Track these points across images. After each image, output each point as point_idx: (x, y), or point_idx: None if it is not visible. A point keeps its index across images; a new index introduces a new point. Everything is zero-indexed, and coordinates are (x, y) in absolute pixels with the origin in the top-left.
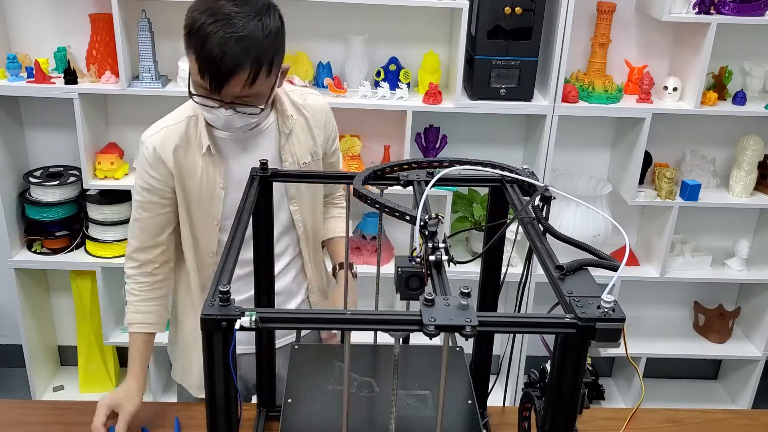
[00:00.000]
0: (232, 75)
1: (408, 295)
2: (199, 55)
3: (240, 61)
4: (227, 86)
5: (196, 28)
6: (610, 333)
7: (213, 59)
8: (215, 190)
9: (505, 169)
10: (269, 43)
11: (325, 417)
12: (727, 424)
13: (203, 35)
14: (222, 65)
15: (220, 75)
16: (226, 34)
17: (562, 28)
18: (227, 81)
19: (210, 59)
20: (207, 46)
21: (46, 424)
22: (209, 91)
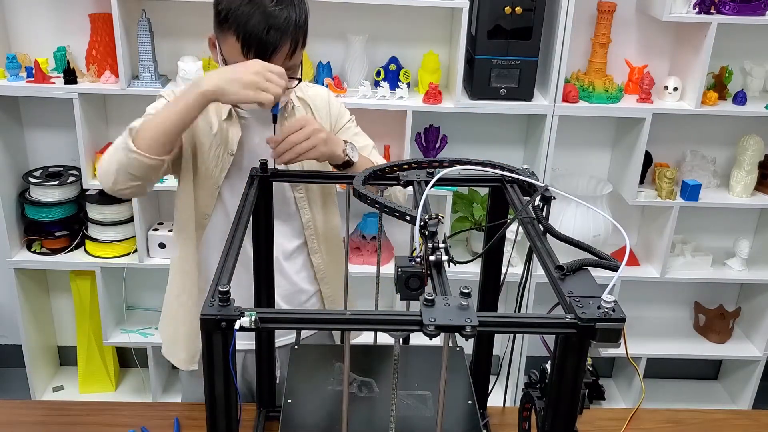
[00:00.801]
0: (278, 47)
1: (408, 295)
2: (242, 32)
3: (285, 31)
4: (273, 59)
5: (236, 7)
6: (611, 333)
7: (258, 34)
8: (224, 154)
9: (505, 169)
10: (305, 12)
11: (325, 417)
12: (728, 424)
13: (245, 12)
14: (268, 38)
15: (265, 49)
16: (268, 8)
17: (562, 27)
18: (274, 54)
19: (255, 34)
20: (251, 22)
21: (46, 424)
22: None
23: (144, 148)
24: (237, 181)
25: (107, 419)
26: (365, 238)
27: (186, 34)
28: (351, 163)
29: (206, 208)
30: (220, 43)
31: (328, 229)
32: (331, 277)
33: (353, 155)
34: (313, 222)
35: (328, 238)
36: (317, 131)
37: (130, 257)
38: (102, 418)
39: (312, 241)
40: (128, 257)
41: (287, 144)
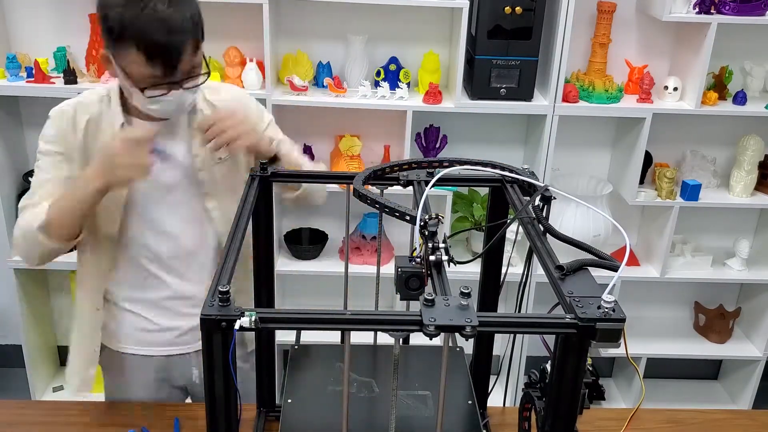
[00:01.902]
0: (182, 49)
1: (408, 295)
2: (143, 43)
3: (186, 31)
4: (180, 63)
5: (129, 19)
6: (611, 333)
7: (161, 41)
8: None
9: (505, 169)
10: (196, 6)
11: (325, 417)
12: (728, 424)
13: (141, 22)
14: (171, 43)
15: (170, 55)
16: (162, 13)
17: (562, 27)
18: (180, 58)
19: (158, 42)
20: (149, 30)
21: (46, 424)
22: (161, 76)
23: (60, 238)
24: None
25: (107, 419)
26: (365, 238)
27: None
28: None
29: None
30: (116, 59)
31: None
32: None
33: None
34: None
35: None
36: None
37: None
38: (102, 418)
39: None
40: None
41: (217, 129)
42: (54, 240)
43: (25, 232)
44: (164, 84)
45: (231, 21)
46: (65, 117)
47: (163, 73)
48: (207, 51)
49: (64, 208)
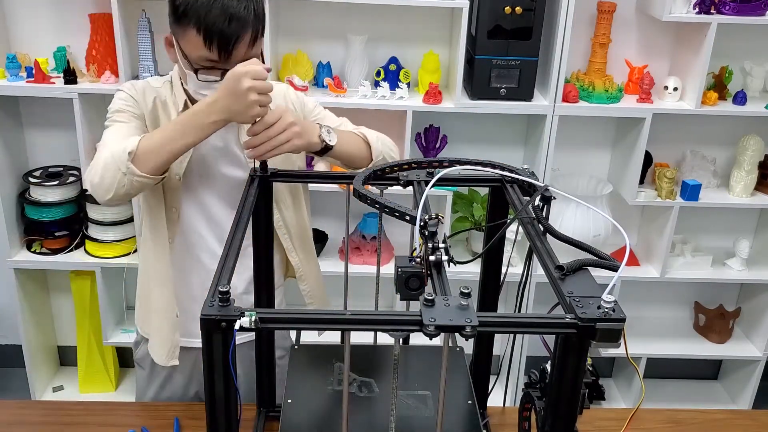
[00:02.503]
0: (240, 37)
1: (408, 295)
2: (202, 25)
3: (246, 21)
4: (236, 50)
5: (194, 1)
6: (611, 333)
7: (219, 25)
8: None
9: (505, 169)
10: (262, 1)
11: (325, 417)
12: (728, 424)
13: (204, 5)
14: (230, 28)
15: (227, 40)
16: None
17: (562, 27)
18: (236, 44)
19: (216, 26)
20: (211, 14)
21: (46, 424)
22: (216, 61)
23: (147, 170)
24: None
25: (107, 419)
26: (365, 238)
27: None
28: (330, 147)
29: (174, 201)
30: (178, 39)
31: (300, 227)
32: (307, 274)
33: (330, 139)
34: (283, 222)
35: (301, 236)
36: (292, 124)
37: (130, 257)
38: (102, 418)
39: (286, 240)
40: (128, 257)
41: (264, 137)
42: (141, 170)
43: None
44: (219, 69)
45: None
46: (137, 89)
47: (218, 57)
48: None
49: (163, 138)
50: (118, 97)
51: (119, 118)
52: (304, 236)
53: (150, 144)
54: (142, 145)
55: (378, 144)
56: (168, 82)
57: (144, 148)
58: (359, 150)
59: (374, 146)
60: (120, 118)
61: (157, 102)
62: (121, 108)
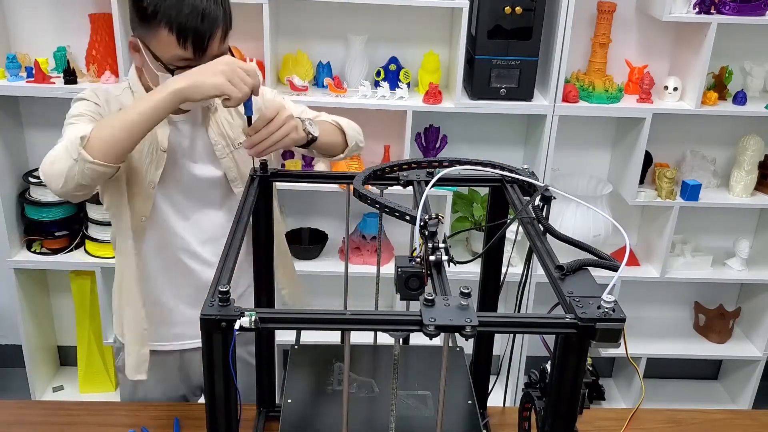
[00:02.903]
0: (213, 33)
1: (408, 295)
2: (174, 24)
3: (216, 17)
4: (209, 47)
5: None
6: (611, 333)
7: (193, 23)
8: (156, 151)
9: (505, 169)
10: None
11: (325, 417)
12: (728, 424)
13: (173, 4)
14: (203, 26)
15: (201, 37)
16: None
17: (562, 27)
18: (210, 40)
19: (190, 24)
20: (183, 12)
21: (46, 424)
22: (191, 59)
23: (100, 156)
24: (169, 185)
25: (107, 419)
26: (365, 238)
27: None
28: (315, 139)
29: (143, 210)
30: (147, 41)
31: None
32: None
33: (314, 131)
34: None
35: None
36: (289, 118)
37: None
38: (102, 418)
39: None
40: None
41: (265, 133)
42: (94, 155)
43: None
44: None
45: None
46: (99, 96)
47: (192, 54)
48: None
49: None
50: (79, 104)
51: (76, 120)
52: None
53: (104, 128)
54: (96, 130)
55: (351, 131)
56: (127, 88)
57: (97, 133)
58: (336, 138)
59: (348, 133)
60: (77, 121)
61: None
62: (81, 112)
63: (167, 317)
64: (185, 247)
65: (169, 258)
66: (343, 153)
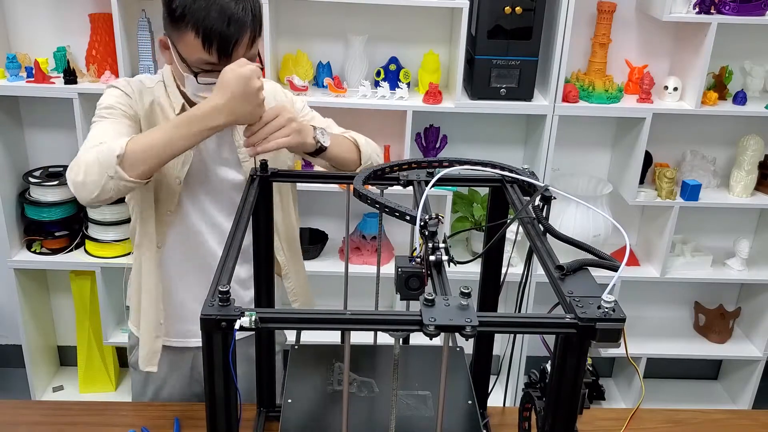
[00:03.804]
0: (239, 39)
1: (408, 295)
2: (201, 27)
3: (244, 23)
4: (235, 52)
5: (191, 3)
6: (611, 333)
7: (219, 27)
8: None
9: (505, 169)
10: (259, 3)
11: (325, 417)
12: (728, 424)
13: (202, 7)
14: (229, 30)
15: (227, 42)
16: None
17: (562, 27)
18: (236, 46)
19: (215, 28)
20: (210, 16)
21: (46, 424)
22: (216, 63)
23: (135, 174)
24: (194, 184)
25: (107, 419)
26: (365, 238)
27: None
28: (324, 149)
29: (168, 205)
30: (175, 42)
31: (287, 227)
32: (292, 273)
33: (324, 140)
34: None
35: (288, 236)
36: (291, 120)
37: (130, 257)
38: (102, 418)
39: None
40: (128, 257)
41: (264, 134)
42: (129, 174)
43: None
44: (218, 72)
45: None
46: (133, 87)
47: (217, 59)
48: None
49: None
50: (111, 93)
51: (107, 114)
52: (291, 237)
53: (140, 147)
54: (131, 148)
55: (367, 148)
56: (161, 82)
57: (133, 152)
58: (350, 153)
59: (363, 150)
60: (108, 115)
61: (155, 104)
62: (112, 104)
63: (180, 313)
64: (204, 245)
65: (188, 255)
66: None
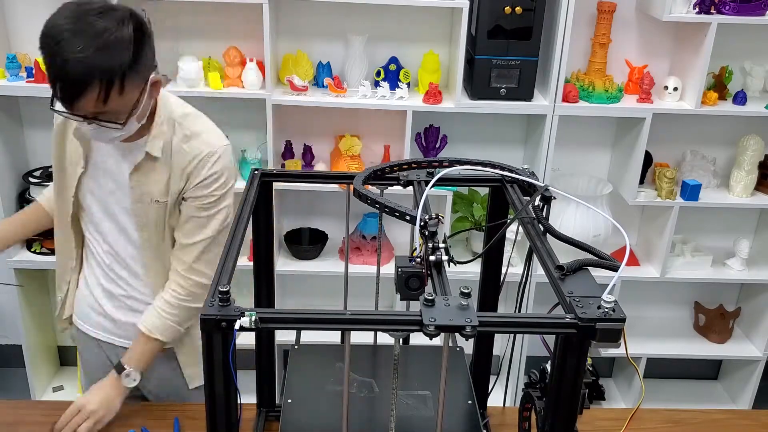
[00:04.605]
0: (81, 93)
1: (408, 295)
2: (49, 68)
3: (87, 80)
4: (78, 104)
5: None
6: (611, 333)
7: (62, 77)
8: (76, 167)
9: (505, 169)
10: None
11: (325, 417)
12: (728, 424)
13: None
14: (70, 84)
15: (69, 93)
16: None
17: (562, 27)
18: (77, 99)
19: (60, 76)
20: (56, 62)
21: (46, 424)
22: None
23: None
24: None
25: None
26: (365, 238)
27: (186, 34)
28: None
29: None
30: None
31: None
32: None
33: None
34: None
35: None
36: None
37: None
38: None
39: None
40: None
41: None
42: None
43: None
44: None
45: (231, 21)
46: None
47: (64, 107)
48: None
49: None
50: None
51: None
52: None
53: None
54: None
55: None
56: None
57: None
58: None
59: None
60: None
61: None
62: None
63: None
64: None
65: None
66: None
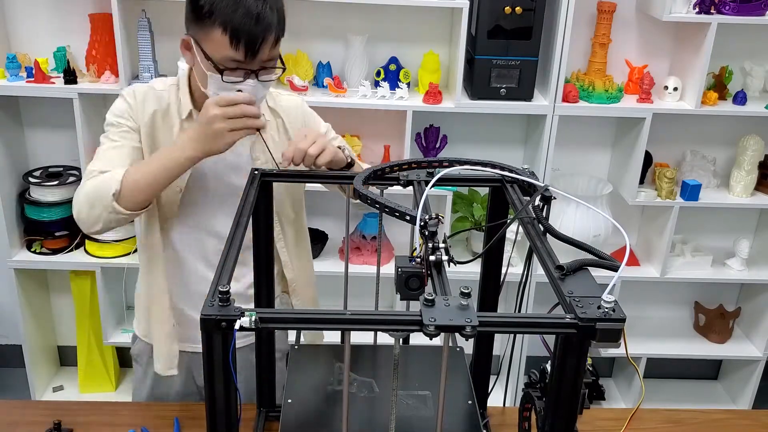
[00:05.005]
0: (265, 38)
1: (408, 295)
2: (230, 25)
3: (270, 22)
4: (261, 51)
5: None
6: (611, 333)
7: (247, 26)
8: None
9: (505, 169)
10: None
11: (325, 417)
12: (728, 424)
13: (230, 6)
14: (256, 29)
15: (254, 40)
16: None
17: (562, 27)
18: (262, 45)
19: (244, 26)
20: (238, 13)
21: (46, 424)
22: (241, 61)
23: (131, 207)
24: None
25: (107, 419)
26: (365, 238)
27: None
28: (353, 164)
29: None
30: (200, 40)
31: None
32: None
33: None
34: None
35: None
36: (321, 136)
37: (130, 257)
38: (102, 418)
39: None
40: (128, 257)
41: (299, 152)
42: (126, 208)
43: (96, 198)
44: (242, 70)
45: None
46: (137, 97)
47: (243, 57)
48: None
49: (145, 175)
50: (115, 106)
51: (112, 135)
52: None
53: (133, 182)
54: (126, 184)
55: None
56: (174, 86)
57: (128, 187)
58: None
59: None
60: (113, 136)
61: (157, 114)
62: (114, 122)
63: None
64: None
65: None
66: None
